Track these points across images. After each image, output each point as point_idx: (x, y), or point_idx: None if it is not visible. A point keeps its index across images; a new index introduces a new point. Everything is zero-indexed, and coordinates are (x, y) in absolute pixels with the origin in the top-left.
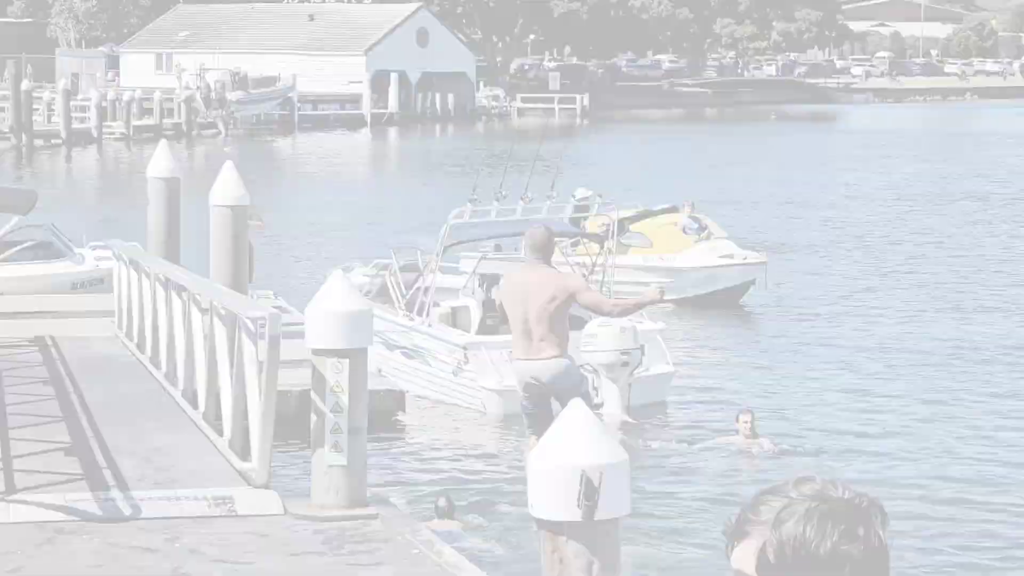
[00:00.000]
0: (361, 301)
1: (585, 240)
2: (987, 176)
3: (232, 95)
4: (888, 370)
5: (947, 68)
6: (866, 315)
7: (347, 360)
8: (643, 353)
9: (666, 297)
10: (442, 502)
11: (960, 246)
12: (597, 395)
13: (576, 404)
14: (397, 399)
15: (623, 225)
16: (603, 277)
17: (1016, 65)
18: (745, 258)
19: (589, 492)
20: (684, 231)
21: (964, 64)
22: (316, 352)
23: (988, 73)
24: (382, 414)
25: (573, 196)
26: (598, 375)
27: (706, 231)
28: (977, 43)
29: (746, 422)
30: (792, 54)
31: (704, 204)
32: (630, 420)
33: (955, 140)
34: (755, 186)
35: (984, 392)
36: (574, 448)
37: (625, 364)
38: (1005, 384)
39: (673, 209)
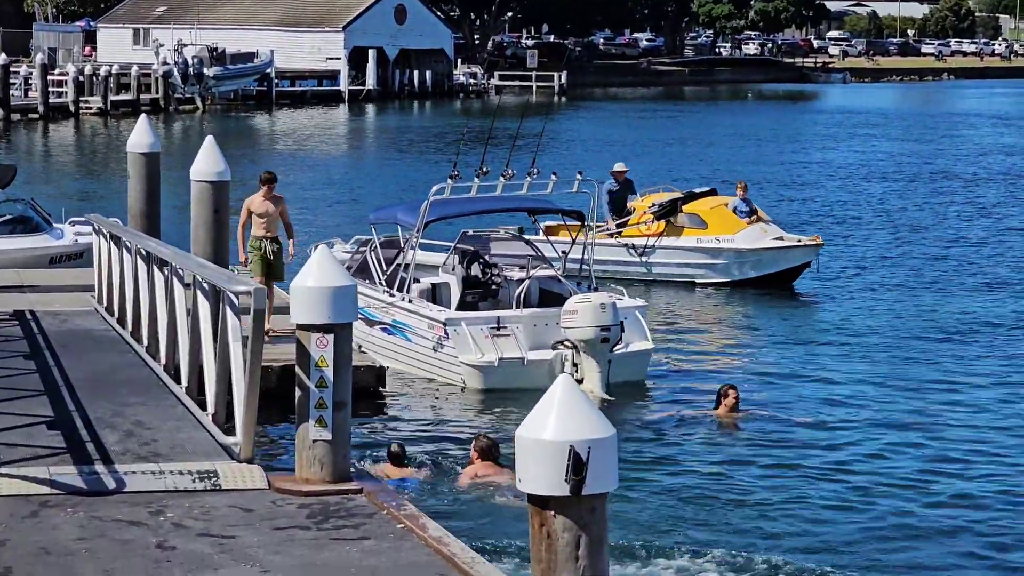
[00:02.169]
0: (345, 276)
1: (564, 217)
2: (964, 156)
3: (210, 71)
4: (868, 348)
5: (924, 48)
6: (847, 292)
7: (332, 335)
8: (623, 330)
9: (723, 279)
10: (394, 447)
11: (945, 225)
12: (576, 372)
13: (564, 380)
14: (377, 375)
15: (676, 205)
16: (583, 254)
17: (995, 46)
18: (799, 240)
19: (577, 467)
20: (736, 212)
21: (941, 44)
22: (301, 327)
23: (965, 53)
24: (363, 390)
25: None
26: (577, 351)
27: (755, 214)
28: (954, 23)
29: (730, 397)
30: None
31: (684, 183)
32: (609, 396)
33: (932, 120)
34: (733, 165)
35: (958, 368)
36: (562, 423)
37: (605, 340)
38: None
39: (713, 192)
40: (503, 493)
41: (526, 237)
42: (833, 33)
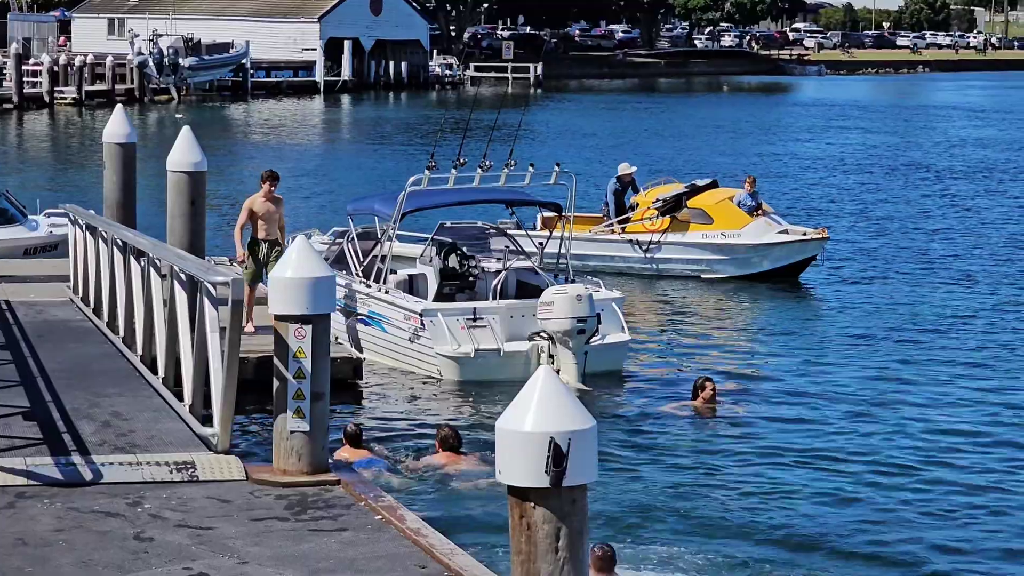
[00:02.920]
0: (324, 267)
1: (542, 209)
2: (938, 148)
3: (185, 61)
4: (852, 340)
5: (899, 41)
6: (825, 281)
7: (310, 326)
8: (599, 321)
9: (730, 274)
10: (351, 428)
11: (923, 217)
12: (553, 363)
13: (544, 371)
14: (354, 366)
15: (680, 201)
16: (560, 248)
17: (970, 38)
18: (805, 234)
19: (557, 458)
20: (740, 206)
21: (916, 37)
22: (279, 318)
23: (940, 46)
24: (339, 381)
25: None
26: (554, 342)
27: (760, 207)
28: (929, 16)
29: (707, 389)
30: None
31: (660, 175)
32: (586, 388)
33: (907, 113)
34: (709, 156)
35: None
36: (542, 414)
37: (581, 332)
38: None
39: (714, 184)
40: (466, 479)
41: (504, 229)
42: (799, 25)
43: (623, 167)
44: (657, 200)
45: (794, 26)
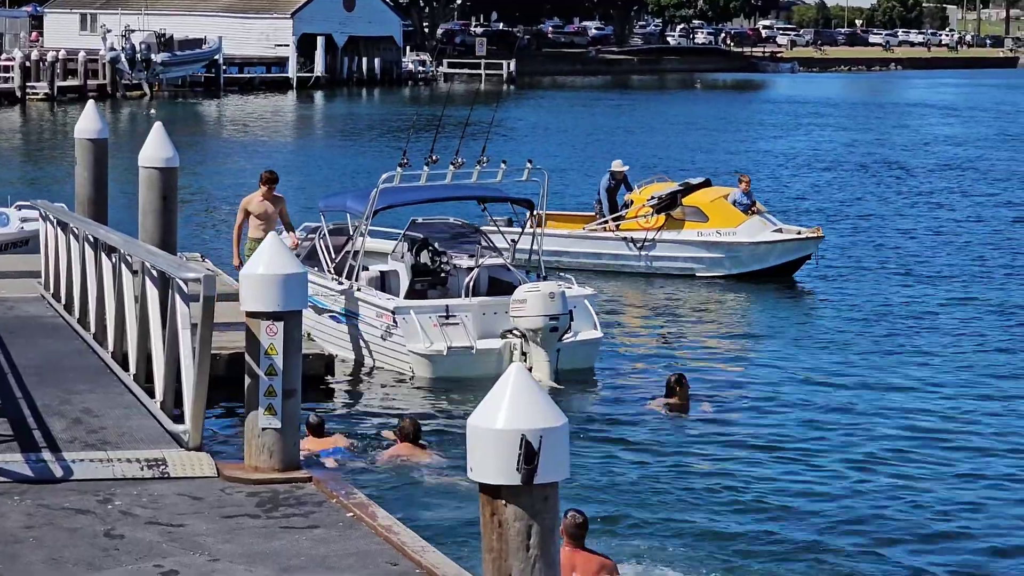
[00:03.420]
0: (295, 264)
1: (514, 205)
2: (910, 145)
3: (157, 57)
4: (820, 335)
5: (872, 38)
6: (808, 280)
7: (281, 323)
8: (572, 319)
9: (725, 273)
10: (313, 418)
11: (902, 214)
12: (525, 361)
13: (516, 368)
14: (326, 363)
15: (676, 198)
16: (532, 244)
17: (942, 36)
18: (799, 233)
19: (529, 456)
20: (735, 205)
21: (888, 34)
22: (251, 314)
23: (912, 44)
24: (311, 378)
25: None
26: (526, 340)
27: (754, 206)
28: (901, 13)
29: (679, 386)
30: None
31: (646, 171)
32: (558, 385)
33: (880, 110)
34: (682, 154)
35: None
36: (514, 412)
37: (554, 329)
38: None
39: (707, 183)
40: (435, 474)
41: (477, 226)
42: (766, 22)
43: (616, 164)
44: (652, 198)
45: (767, 23)
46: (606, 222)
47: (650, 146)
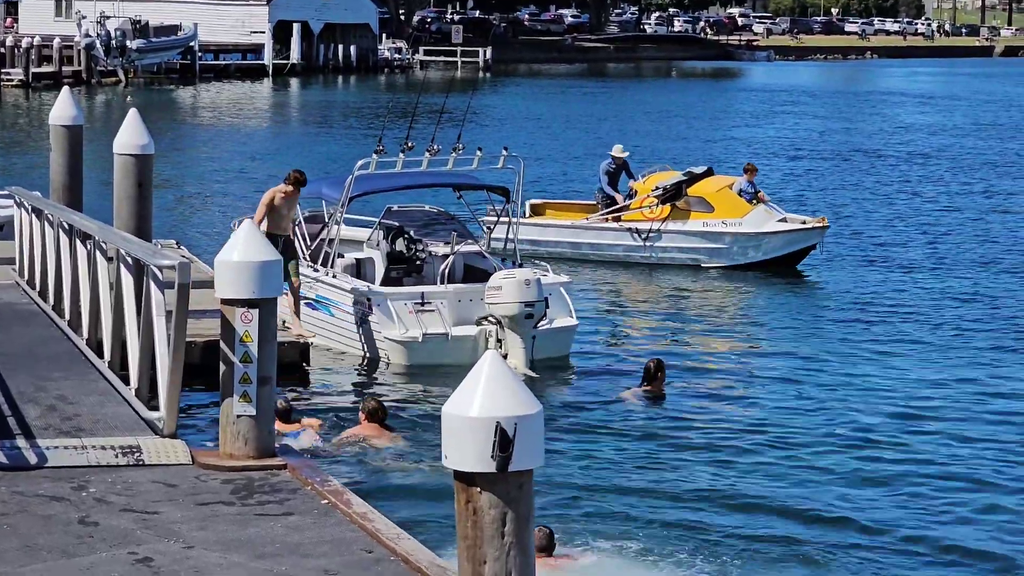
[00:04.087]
0: (270, 251)
1: (490, 193)
2: (885, 134)
3: (133, 43)
4: (805, 322)
5: (847, 27)
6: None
7: (256, 310)
8: (547, 306)
9: (730, 263)
10: (281, 404)
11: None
12: (500, 348)
13: (491, 356)
14: (301, 350)
15: (680, 188)
16: (508, 233)
17: (918, 25)
18: (804, 223)
19: (504, 443)
20: (740, 194)
21: (864, 23)
22: (226, 302)
23: (888, 32)
24: (287, 365)
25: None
26: (501, 327)
27: (757, 196)
28: (878, 2)
29: (657, 372)
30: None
31: (598, 159)
32: (533, 373)
33: (856, 99)
34: (658, 143)
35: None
36: (489, 399)
37: (529, 316)
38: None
39: (709, 172)
40: (398, 460)
41: (452, 214)
42: (734, 10)
43: (617, 149)
44: (657, 188)
45: (743, 11)
46: (609, 212)
47: (628, 134)
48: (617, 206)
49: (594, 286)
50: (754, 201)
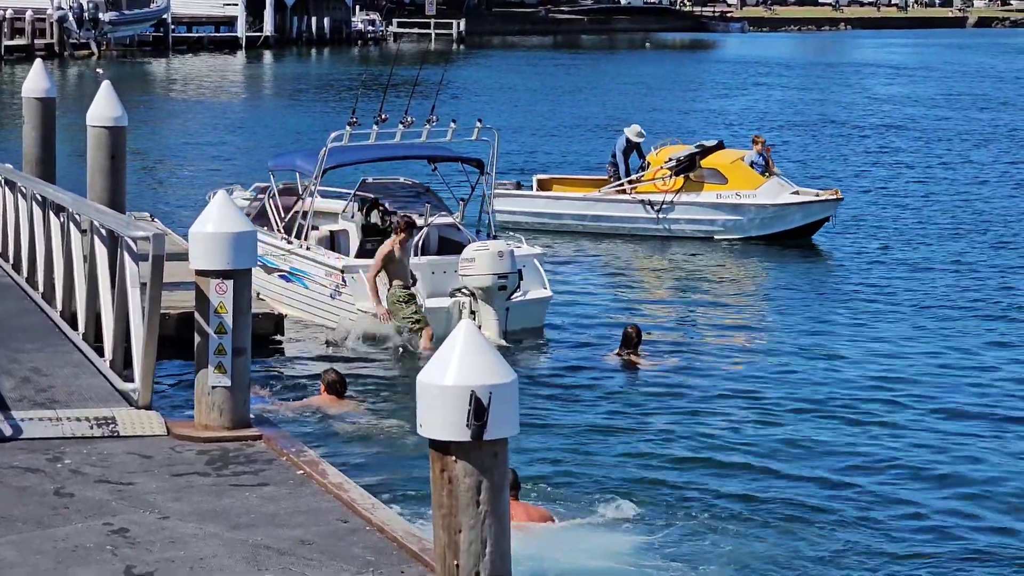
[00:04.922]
0: (245, 222)
1: (465, 165)
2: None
3: (105, 16)
4: (790, 293)
5: None
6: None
7: (231, 281)
8: (521, 277)
9: (744, 235)
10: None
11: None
12: (474, 319)
13: (466, 325)
14: (276, 322)
15: (694, 160)
16: (483, 205)
17: None
18: (817, 195)
19: (478, 412)
20: (752, 166)
21: None
22: (200, 273)
23: (862, 3)
24: (261, 337)
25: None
26: (475, 299)
27: (768, 167)
28: None
29: (637, 338)
30: None
31: (572, 130)
32: (506, 344)
33: (831, 70)
34: (634, 115)
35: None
36: (463, 368)
37: (502, 288)
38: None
39: (720, 146)
40: (345, 425)
41: (427, 186)
42: None
43: (633, 131)
44: (670, 160)
45: None
46: (622, 185)
47: (603, 106)
48: (629, 177)
49: (600, 258)
50: (767, 173)
